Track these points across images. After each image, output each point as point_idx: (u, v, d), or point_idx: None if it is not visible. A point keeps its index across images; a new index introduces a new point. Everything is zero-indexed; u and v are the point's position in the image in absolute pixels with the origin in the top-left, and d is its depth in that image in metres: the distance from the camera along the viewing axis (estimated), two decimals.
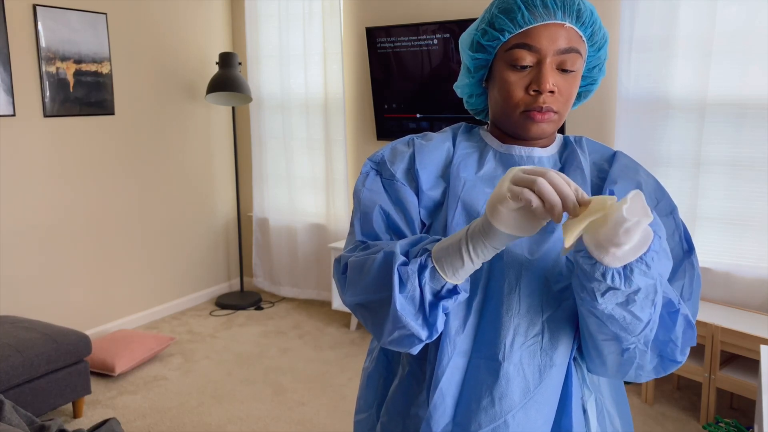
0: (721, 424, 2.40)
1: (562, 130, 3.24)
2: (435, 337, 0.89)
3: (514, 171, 0.78)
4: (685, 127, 2.98)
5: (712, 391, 2.70)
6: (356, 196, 1.03)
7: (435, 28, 3.61)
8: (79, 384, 2.81)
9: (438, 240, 0.88)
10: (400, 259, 0.86)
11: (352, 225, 1.02)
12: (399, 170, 1.02)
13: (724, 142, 2.91)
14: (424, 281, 0.85)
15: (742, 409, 2.91)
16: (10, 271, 3.31)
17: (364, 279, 0.90)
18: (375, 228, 0.98)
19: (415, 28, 3.67)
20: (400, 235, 0.98)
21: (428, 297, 0.86)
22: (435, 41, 3.62)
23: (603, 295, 0.78)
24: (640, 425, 2.75)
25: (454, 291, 0.86)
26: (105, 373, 3.24)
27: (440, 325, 0.88)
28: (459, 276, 0.85)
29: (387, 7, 3.88)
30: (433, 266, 0.85)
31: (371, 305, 0.91)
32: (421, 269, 0.85)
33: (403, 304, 0.85)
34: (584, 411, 0.97)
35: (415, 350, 0.91)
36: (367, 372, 1.11)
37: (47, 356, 2.65)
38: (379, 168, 1.04)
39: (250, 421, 2.84)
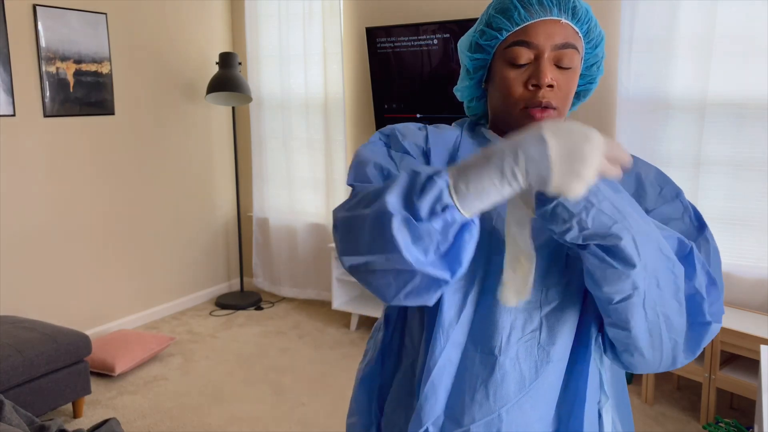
0: (721, 424, 2.40)
1: None
2: (461, 273, 0.80)
3: (599, 149, 0.74)
4: (685, 127, 2.98)
5: (712, 391, 2.70)
6: (356, 153, 1.00)
7: (435, 28, 3.61)
8: (79, 384, 2.81)
9: (443, 180, 0.76)
10: (399, 216, 0.76)
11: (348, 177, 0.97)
12: (412, 146, 1.00)
13: (724, 142, 2.91)
14: (451, 233, 0.77)
15: (742, 409, 2.91)
16: (10, 271, 3.31)
17: (359, 241, 0.81)
18: (369, 175, 0.92)
19: (415, 28, 3.67)
20: None
21: (452, 241, 0.77)
22: (435, 41, 3.62)
23: (552, 220, 0.77)
24: (640, 425, 2.75)
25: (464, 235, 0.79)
26: (105, 373, 3.24)
27: (467, 258, 0.79)
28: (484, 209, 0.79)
29: (387, 7, 3.88)
30: (470, 220, 0.77)
31: (374, 264, 0.81)
32: (448, 225, 0.76)
33: (417, 257, 0.76)
34: (600, 416, 0.96)
35: (434, 299, 0.83)
36: (361, 374, 1.11)
37: (47, 356, 2.65)
38: (389, 141, 1.02)
39: (250, 421, 2.84)
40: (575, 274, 0.93)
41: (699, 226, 0.97)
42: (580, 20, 0.95)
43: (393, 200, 0.76)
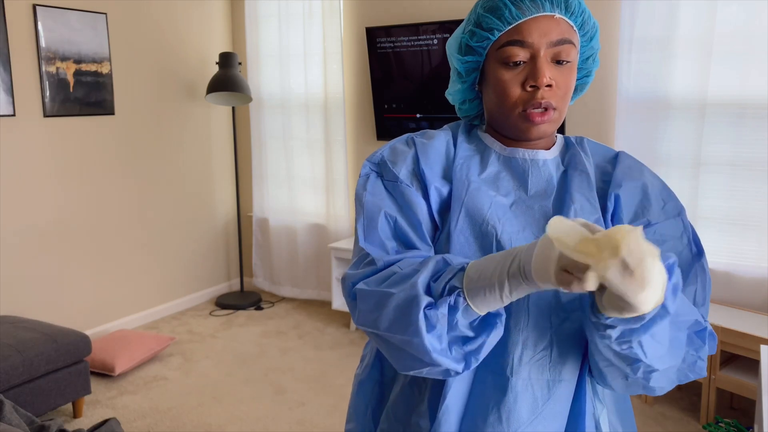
0: (721, 424, 2.40)
1: (562, 131, 3.24)
2: (473, 368, 0.84)
3: (560, 250, 0.70)
4: (685, 127, 2.98)
5: (712, 391, 2.70)
6: (358, 200, 0.97)
7: (435, 28, 3.61)
8: (79, 384, 2.81)
9: (461, 268, 0.82)
10: (426, 301, 0.80)
11: (356, 232, 0.96)
12: (402, 171, 0.97)
13: (724, 142, 2.91)
14: (455, 321, 0.80)
15: (742, 409, 2.91)
16: (10, 271, 3.31)
17: (381, 317, 0.84)
18: (380, 235, 0.93)
19: (415, 28, 3.67)
20: (408, 243, 0.93)
21: (464, 332, 0.82)
22: (435, 41, 3.62)
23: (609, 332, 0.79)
24: (641, 425, 2.74)
25: (488, 320, 0.83)
26: (105, 373, 3.24)
27: (481, 356, 0.84)
28: (491, 309, 0.82)
29: (387, 7, 3.88)
30: (467, 305, 0.80)
31: (391, 340, 0.85)
32: (453, 310, 0.80)
33: (434, 345, 0.80)
34: (597, 425, 0.95)
35: (448, 376, 0.87)
36: (358, 379, 1.08)
37: (47, 356, 2.65)
38: (380, 169, 0.99)
39: (250, 421, 2.84)
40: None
41: (697, 252, 0.95)
42: (573, 13, 0.91)
43: (421, 287, 0.81)
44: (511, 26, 0.91)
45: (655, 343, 0.79)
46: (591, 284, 0.68)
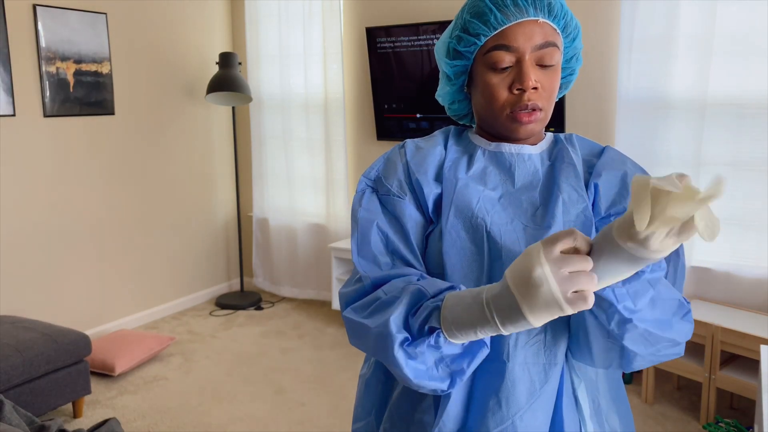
0: (721, 424, 2.40)
1: (562, 129, 3.24)
2: (459, 384, 0.87)
3: (548, 269, 0.73)
4: (685, 127, 2.98)
5: (712, 391, 2.70)
6: (353, 216, 1.01)
7: (435, 28, 3.61)
8: (79, 384, 2.81)
9: (436, 306, 0.84)
10: (401, 337, 0.84)
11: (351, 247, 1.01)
12: (394, 184, 1.01)
13: (724, 142, 2.91)
14: (438, 354, 0.84)
15: (742, 409, 2.91)
16: (10, 271, 3.31)
17: (364, 345, 0.90)
18: (373, 250, 0.97)
19: (415, 28, 3.67)
20: (400, 257, 0.97)
21: (451, 352, 0.85)
22: (435, 41, 3.62)
23: None
24: (641, 425, 2.75)
25: (475, 346, 0.85)
26: (105, 373, 3.24)
27: (466, 375, 0.86)
28: (473, 340, 0.85)
29: (387, 7, 3.88)
30: (447, 341, 0.83)
31: (381, 360, 0.91)
32: (432, 348, 0.83)
33: (417, 370, 0.84)
34: (576, 401, 0.96)
35: (435, 393, 0.90)
36: (364, 378, 1.10)
37: (47, 356, 2.65)
38: (375, 184, 1.03)
39: (250, 421, 2.84)
40: None
41: None
42: (556, 16, 0.95)
43: (394, 325, 0.84)
44: (497, 31, 0.94)
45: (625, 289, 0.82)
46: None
